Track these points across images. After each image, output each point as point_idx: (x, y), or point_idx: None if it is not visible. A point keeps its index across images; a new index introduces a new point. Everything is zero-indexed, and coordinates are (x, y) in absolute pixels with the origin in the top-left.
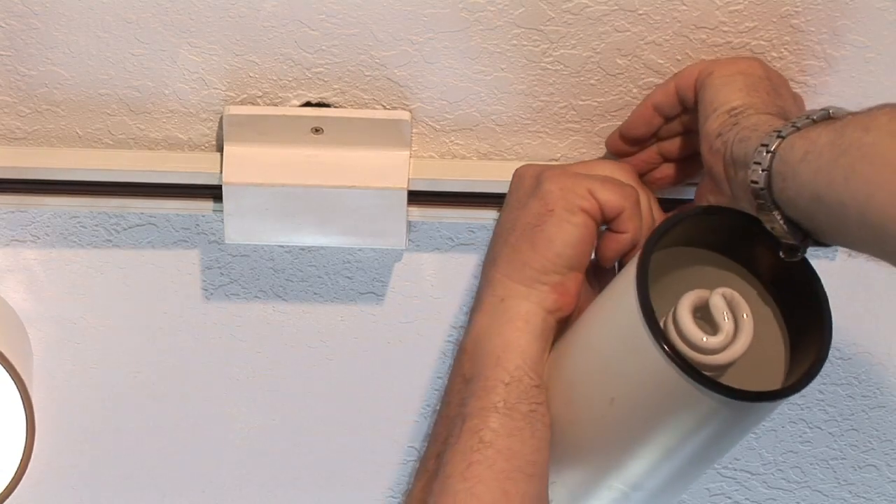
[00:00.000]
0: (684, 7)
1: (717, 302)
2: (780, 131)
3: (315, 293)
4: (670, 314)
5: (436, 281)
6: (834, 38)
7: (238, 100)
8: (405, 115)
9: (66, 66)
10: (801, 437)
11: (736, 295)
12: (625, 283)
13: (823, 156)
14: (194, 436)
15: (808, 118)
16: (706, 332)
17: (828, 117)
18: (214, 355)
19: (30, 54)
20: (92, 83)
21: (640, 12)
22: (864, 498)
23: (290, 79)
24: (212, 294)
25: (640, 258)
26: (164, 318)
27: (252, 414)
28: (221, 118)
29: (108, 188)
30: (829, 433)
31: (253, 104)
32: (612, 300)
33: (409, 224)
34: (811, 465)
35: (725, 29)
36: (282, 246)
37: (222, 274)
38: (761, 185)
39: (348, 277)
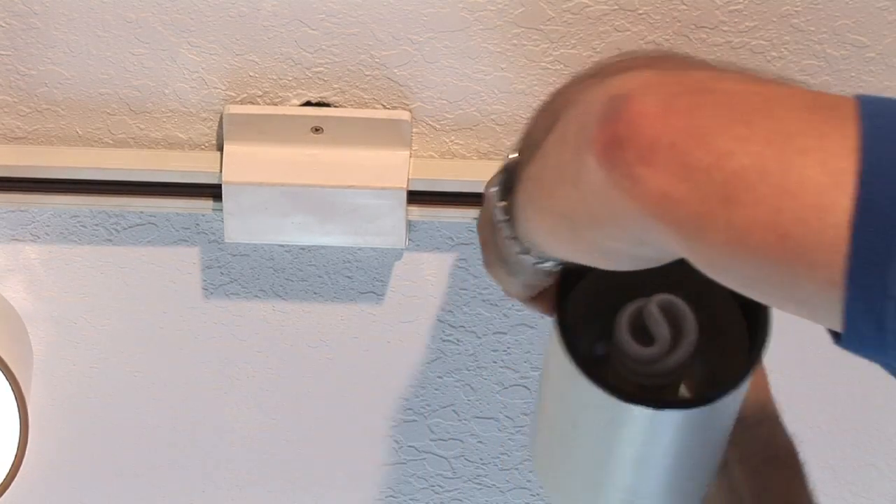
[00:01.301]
0: (684, 7)
1: (652, 311)
2: (499, 218)
3: (315, 293)
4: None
5: (436, 281)
6: (834, 38)
7: (238, 99)
8: (405, 115)
9: (66, 66)
10: (801, 437)
11: (674, 300)
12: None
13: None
14: (194, 435)
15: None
16: (646, 343)
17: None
18: (214, 355)
19: (30, 54)
20: (92, 82)
21: (640, 12)
22: (864, 498)
23: (290, 78)
24: (212, 293)
25: (556, 288)
26: (164, 318)
27: (252, 414)
28: (221, 117)
29: (109, 187)
30: (829, 433)
31: (253, 103)
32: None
33: (409, 224)
34: (811, 465)
35: (725, 28)
36: (282, 245)
37: (222, 273)
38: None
39: (348, 277)
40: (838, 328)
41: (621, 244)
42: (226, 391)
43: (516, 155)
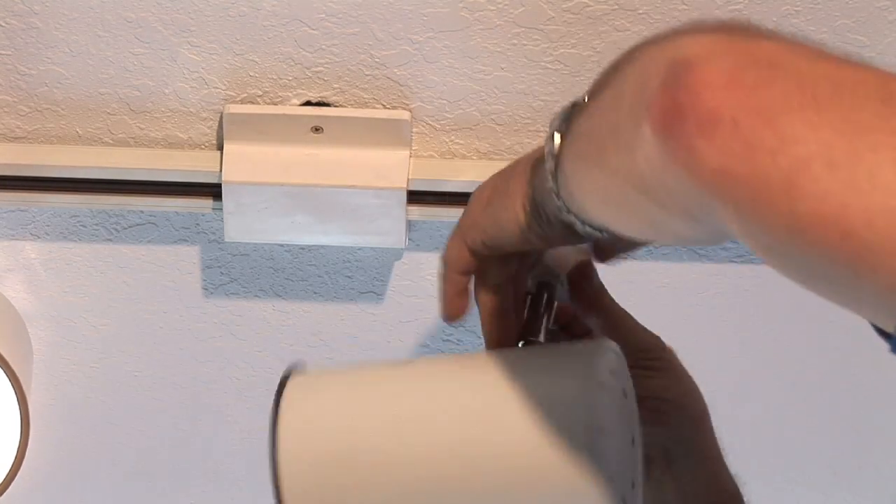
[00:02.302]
0: (684, 6)
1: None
2: (553, 177)
3: (315, 292)
4: None
5: (436, 280)
6: (834, 38)
7: (238, 99)
8: (405, 115)
9: (66, 66)
10: (801, 436)
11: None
12: None
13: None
14: (194, 435)
15: (551, 139)
16: None
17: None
18: (214, 355)
19: (30, 53)
20: (92, 82)
21: (640, 12)
22: (864, 498)
23: (290, 78)
24: (212, 293)
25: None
26: (164, 318)
27: (252, 414)
28: (221, 117)
29: (109, 186)
30: (830, 433)
31: (253, 103)
32: None
33: (409, 223)
34: (811, 464)
35: None
36: (282, 245)
37: (222, 273)
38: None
39: (348, 277)
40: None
41: (671, 217)
42: (226, 391)
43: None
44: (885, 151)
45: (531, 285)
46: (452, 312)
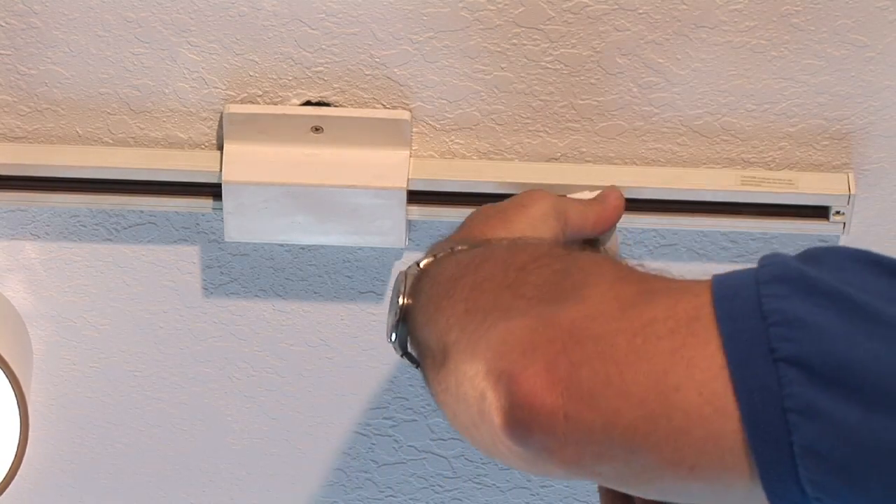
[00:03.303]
0: (684, 6)
1: None
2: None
3: (315, 292)
4: None
5: None
6: (834, 38)
7: (238, 98)
8: (405, 115)
9: (66, 65)
10: None
11: None
12: None
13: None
14: (193, 435)
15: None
16: None
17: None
18: (214, 355)
19: (30, 53)
20: (92, 82)
21: (640, 11)
22: None
23: (291, 77)
24: (211, 293)
25: None
26: (164, 318)
27: (251, 413)
28: (221, 117)
29: (109, 186)
30: None
31: (253, 103)
32: None
33: (409, 223)
34: None
35: (725, 28)
36: (282, 245)
37: (222, 273)
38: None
39: (348, 276)
40: None
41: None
42: (226, 391)
43: (408, 301)
44: (687, 388)
45: None
46: None
